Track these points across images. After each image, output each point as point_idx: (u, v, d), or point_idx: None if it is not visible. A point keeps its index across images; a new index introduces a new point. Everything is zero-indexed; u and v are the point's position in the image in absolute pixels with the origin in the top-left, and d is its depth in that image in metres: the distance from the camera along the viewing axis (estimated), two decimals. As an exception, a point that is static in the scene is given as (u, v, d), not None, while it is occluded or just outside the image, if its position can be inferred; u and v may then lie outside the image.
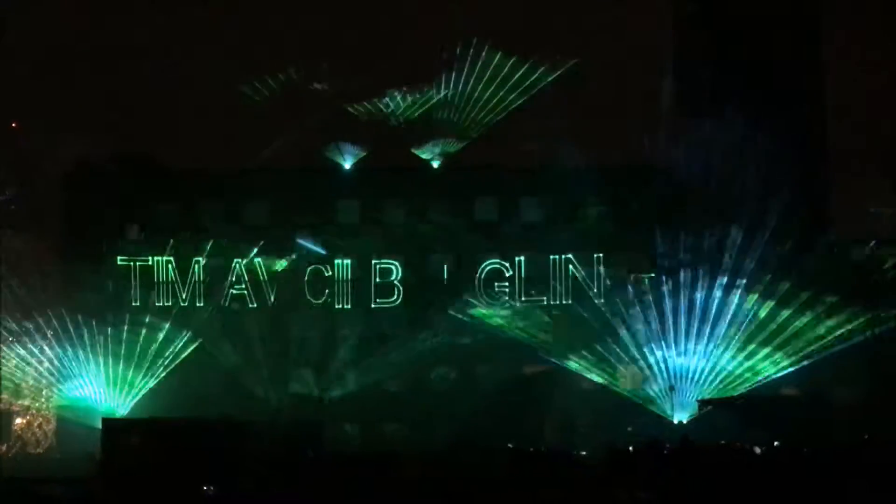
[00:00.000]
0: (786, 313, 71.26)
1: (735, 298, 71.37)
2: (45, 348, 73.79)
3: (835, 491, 47.37)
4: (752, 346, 71.52)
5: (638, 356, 71.97)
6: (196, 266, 75.55)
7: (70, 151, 75.21)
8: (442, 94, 76.11)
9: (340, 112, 76.99)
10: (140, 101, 74.53)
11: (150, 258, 75.51)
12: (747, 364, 71.51)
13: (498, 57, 75.40)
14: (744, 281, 71.22)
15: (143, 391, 73.77)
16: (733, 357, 71.58)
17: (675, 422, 71.36)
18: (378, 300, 75.93)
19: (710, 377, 71.71)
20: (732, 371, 71.58)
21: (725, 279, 71.58)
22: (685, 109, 75.07)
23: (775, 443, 59.01)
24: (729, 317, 71.46)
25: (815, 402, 68.78)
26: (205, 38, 75.65)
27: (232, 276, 75.41)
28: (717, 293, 71.50)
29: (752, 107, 72.86)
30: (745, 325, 71.38)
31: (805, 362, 70.73)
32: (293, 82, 76.56)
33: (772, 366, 71.40)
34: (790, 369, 70.81)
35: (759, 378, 71.20)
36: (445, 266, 75.52)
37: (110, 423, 62.19)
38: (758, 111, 72.94)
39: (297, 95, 76.55)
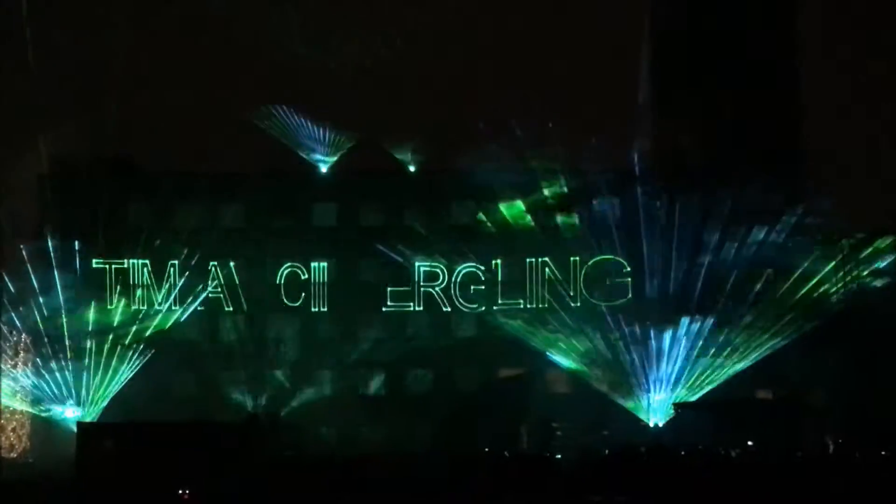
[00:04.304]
0: (762, 315, 71.69)
1: (714, 301, 71.77)
2: (19, 351, 73.52)
3: (809, 494, 47.59)
4: (726, 349, 71.94)
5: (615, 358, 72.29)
6: (171, 269, 75.35)
7: (45, 153, 74.93)
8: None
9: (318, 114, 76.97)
10: (117, 103, 74.22)
11: (125, 261, 75.28)
12: (719, 366, 71.93)
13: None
14: (723, 283, 71.65)
15: (117, 394, 73.53)
16: (708, 359, 71.93)
17: (651, 425, 71.56)
18: (354, 302, 75.88)
19: (685, 379, 72.01)
20: (705, 372, 71.94)
21: (702, 281, 71.92)
22: (662, 112, 75.22)
23: (749, 442, 59.26)
24: (705, 319, 71.75)
25: (789, 406, 69.07)
26: (183, 41, 75.50)
27: (208, 279, 75.28)
28: (695, 295, 71.87)
29: (729, 108, 73.21)
30: (721, 327, 71.74)
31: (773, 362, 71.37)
32: (270, 85, 76.58)
33: (742, 366, 71.90)
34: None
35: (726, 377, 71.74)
36: (422, 269, 75.52)
37: (86, 426, 62.00)
38: (734, 113, 73.32)
39: (272, 98, 76.53)
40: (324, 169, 77.92)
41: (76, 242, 74.23)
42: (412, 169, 77.08)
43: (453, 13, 76.31)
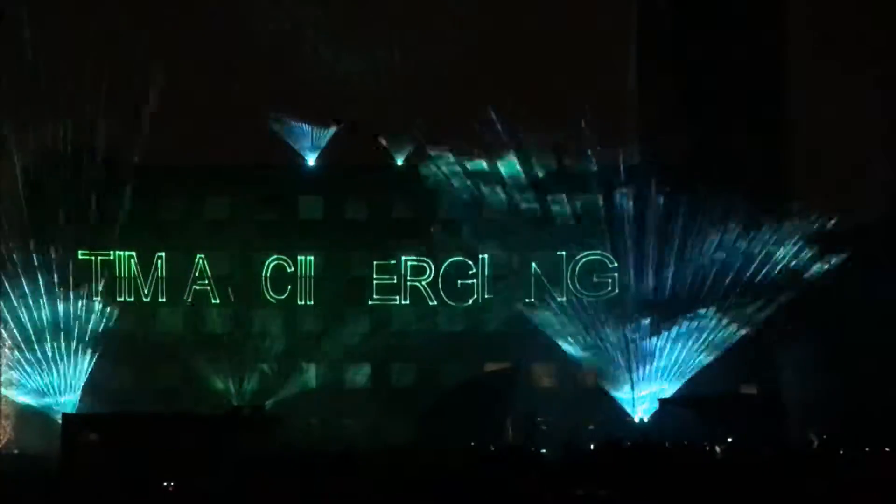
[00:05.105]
0: (748, 311, 71.97)
1: (699, 297, 71.97)
2: (3, 342, 73.46)
3: (792, 490, 47.72)
4: (711, 343, 72.18)
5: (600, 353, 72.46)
6: (158, 261, 75.32)
7: (31, 145, 74.75)
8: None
9: (306, 108, 76.94)
10: (104, 95, 74.07)
11: (111, 253, 75.22)
12: (703, 361, 72.23)
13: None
14: (710, 280, 71.87)
15: (102, 385, 73.48)
16: (693, 353, 72.18)
17: (637, 420, 71.72)
18: (341, 296, 75.90)
19: (672, 374, 72.19)
20: (689, 367, 72.18)
21: (687, 277, 72.11)
22: (651, 109, 75.30)
23: (729, 439, 59.47)
24: (691, 314, 71.93)
25: (773, 402, 69.31)
26: (171, 35, 75.38)
27: (194, 272, 75.23)
28: (681, 291, 72.03)
29: (719, 105, 73.46)
30: (706, 322, 71.92)
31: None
32: (257, 78, 76.56)
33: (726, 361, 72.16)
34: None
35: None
36: (409, 263, 75.53)
37: (70, 418, 62.12)
38: (725, 110, 73.55)
39: (260, 91, 76.49)
40: (311, 162, 77.90)
41: (62, 234, 74.11)
42: (399, 162, 77.05)
43: (444, 8, 76.37)
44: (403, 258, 75.42)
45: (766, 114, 74.61)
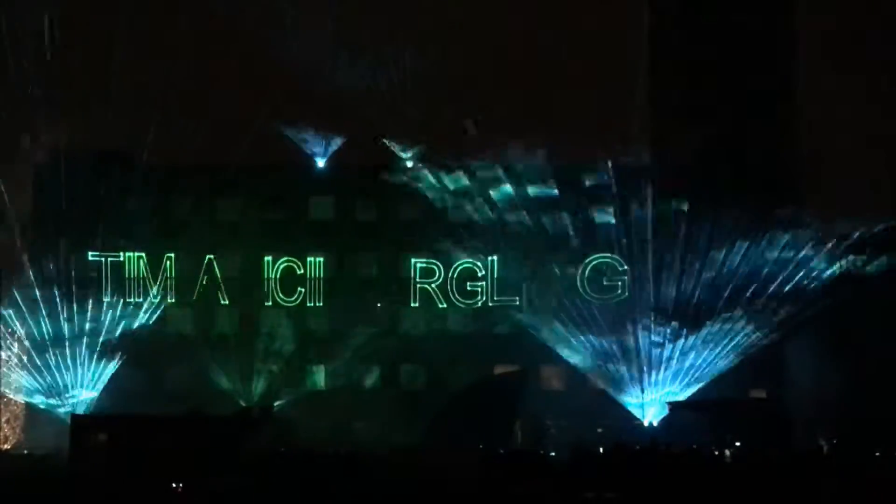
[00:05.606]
0: (757, 315, 71.89)
1: (709, 301, 71.92)
2: (13, 343, 73.56)
3: (802, 494, 47.67)
4: (719, 347, 72.13)
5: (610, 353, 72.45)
6: (168, 262, 75.41)
7: (42, 145, 74.89)
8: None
9: (316, 109, 77.02)
10: (114, 96, 74.21)
11: (121, 253, 75.31)
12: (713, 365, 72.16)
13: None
14: (719, 282, 71.82)
15: (110, 386, 73.61)
16: (702, 357, 72.15)
17: (646, 423, 71.66)
18: (350, 298, 75.91)
19: (681, 376, 72.15)
20: (698, 370, 72.14)
21: (700, 282, 72.03)
22: (660, 112, 75.24)
23: (737, 443, 59.43)
24: (701, 318, 71.88)
25: (783, 406, 69.23)
26: (180, 35, 75.47)
27: (204, 273, 75.28)
28: (690, 295, 72.02)
29: (726, 108, 73.43)
30: (715, 326, 71.85)
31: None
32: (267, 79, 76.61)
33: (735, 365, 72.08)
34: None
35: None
36: (418, 265, 75.54)
37: (79, 419, 62.28)
38: (732, 113, 73.52)
39: (270, 92, 76.53)
40: (321, 163, 77.94)
41: (72, 235, 74.22)
42: (409, 164, 77.03)
43: (452, 11, 76.48)
44: (413, 260, 75.46)
45: (770, 115, 74.52)
